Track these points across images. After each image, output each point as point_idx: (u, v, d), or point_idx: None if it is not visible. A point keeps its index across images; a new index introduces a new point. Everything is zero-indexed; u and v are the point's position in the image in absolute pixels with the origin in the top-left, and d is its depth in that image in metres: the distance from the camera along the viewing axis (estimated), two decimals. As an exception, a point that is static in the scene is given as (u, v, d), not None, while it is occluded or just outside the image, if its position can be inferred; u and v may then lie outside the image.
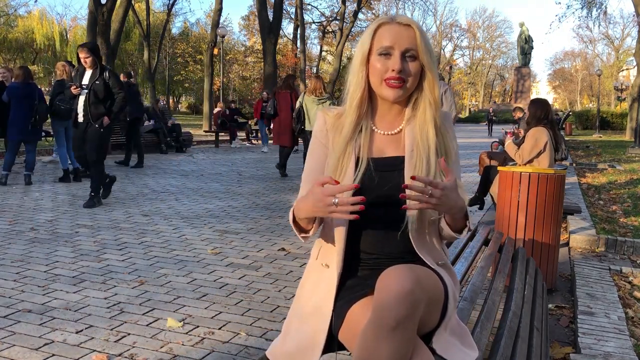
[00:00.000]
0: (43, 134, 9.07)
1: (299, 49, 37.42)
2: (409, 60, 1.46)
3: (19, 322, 2.85)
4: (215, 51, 24.29)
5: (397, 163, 1.50)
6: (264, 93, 13.91)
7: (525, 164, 4.82)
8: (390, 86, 1.46)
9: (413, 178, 1.29)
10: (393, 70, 1.44)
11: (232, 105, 19.92)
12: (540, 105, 5.08)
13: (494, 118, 30.23)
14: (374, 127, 1.55)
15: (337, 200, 1.27)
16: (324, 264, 1.51)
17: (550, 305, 3.40)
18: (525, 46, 48.95)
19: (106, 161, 9.29)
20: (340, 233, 1.47)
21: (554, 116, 5.33)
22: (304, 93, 8.57)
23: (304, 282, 1.56)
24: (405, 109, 1.54)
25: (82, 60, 6.13)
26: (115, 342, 2.66)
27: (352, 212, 1.27)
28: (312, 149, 1.59)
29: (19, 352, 2.51)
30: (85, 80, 6.16)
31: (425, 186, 1.28)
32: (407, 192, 1.28)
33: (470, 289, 1.97)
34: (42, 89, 10.65)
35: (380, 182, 1.47)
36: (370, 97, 1.54)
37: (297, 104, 8.52)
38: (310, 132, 1.52)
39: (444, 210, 1.36)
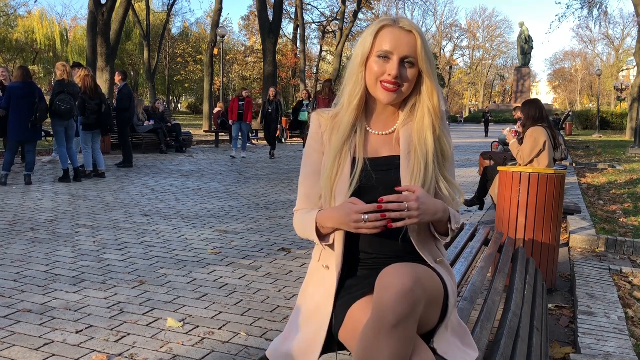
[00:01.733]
0: (43, 134, 9.07)
1: (299, 49, 37.46)
2: (407, 67, 1.47)
3: (19, 322, 2.85)
4: (215, 51, 24.29)
5: (392, 162, 1.51)
6: (244, 92, 13.46)
7: (527, 165, 4.82)
8: (385, 89, 1.47)
9: (381, 200, 1.32)
10: (389, 75, 1.45)
11: (232, 105, 19.87)
12: (533, 105, 5.10)
13: (490, 118, 30.20)
14: (368, 128, 1.56)
15: (367, 217, 1.31)
16: (324, 266, 1.51)
17: (550, 305, 3.40)
18: (525, 46, 48.97)
19: (107, 163, 9.34)
20: (339, 235, 1.48)
21: (548, 114, 5.32)
22: None
23: (306, 284, 1.57)
24: (400, 111, 1.55)
25: None
26: (115, 342, 2.66)
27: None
28: (307, 154, 1.59)
29: (19, 352, 2.51)
30: None
31: (402, 202, 1.32)
32: (387, 214, 1.32)
33: (470, 289, 1.97)
34: (42, 89, 10.63)
35: (377, 182, 1.48)
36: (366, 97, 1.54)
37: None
38: None
39: (429, 218, 1.37)
